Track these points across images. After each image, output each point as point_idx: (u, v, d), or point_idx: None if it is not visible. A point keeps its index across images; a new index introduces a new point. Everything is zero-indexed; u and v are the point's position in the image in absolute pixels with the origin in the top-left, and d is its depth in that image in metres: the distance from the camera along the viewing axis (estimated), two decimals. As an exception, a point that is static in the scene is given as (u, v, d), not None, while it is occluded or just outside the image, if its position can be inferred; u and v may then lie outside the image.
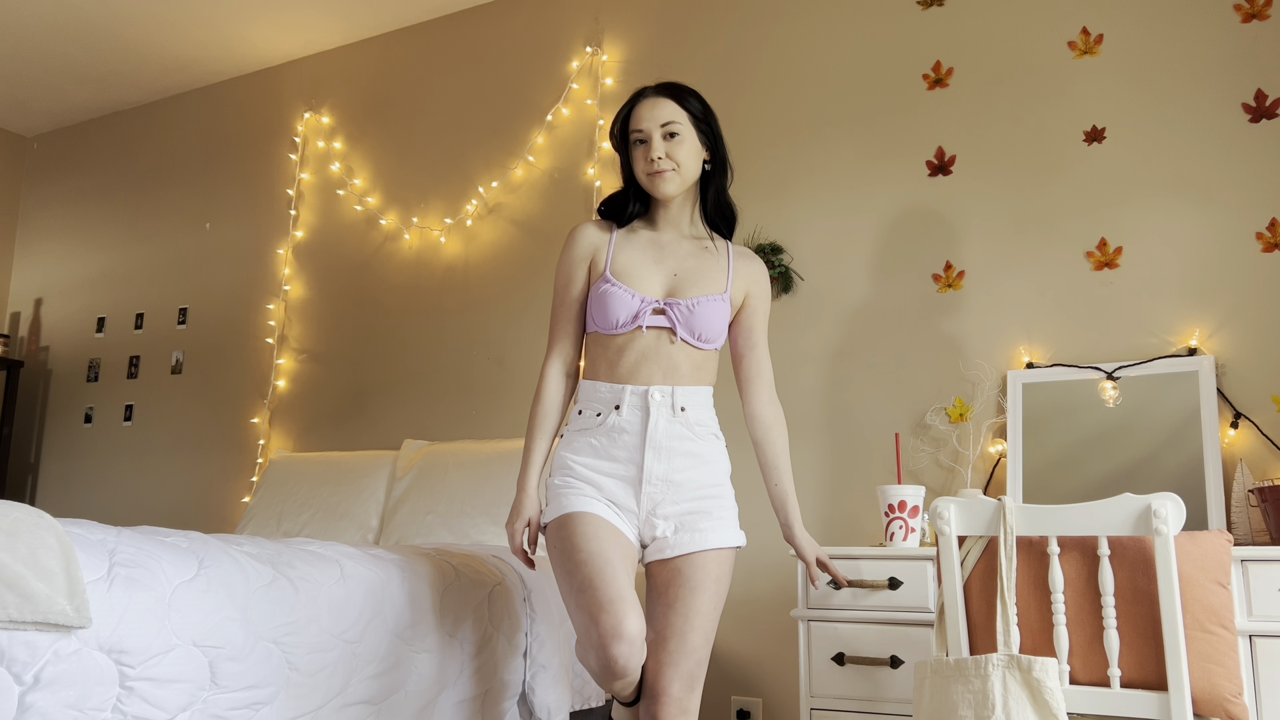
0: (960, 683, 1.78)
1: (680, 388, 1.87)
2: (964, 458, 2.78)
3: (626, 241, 1.98)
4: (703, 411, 1.90)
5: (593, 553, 1.74)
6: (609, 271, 1.93)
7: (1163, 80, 2.74)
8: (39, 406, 4.89)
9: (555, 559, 1.82)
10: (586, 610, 1.68)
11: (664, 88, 1.96)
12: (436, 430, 3.73)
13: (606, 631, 1.64)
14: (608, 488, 1.85)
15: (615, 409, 1.86)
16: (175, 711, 1.60)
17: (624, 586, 1.70)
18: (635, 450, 1.84)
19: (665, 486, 1.84)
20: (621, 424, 1.85)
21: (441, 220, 3.91)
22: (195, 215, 4.60)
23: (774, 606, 2.97)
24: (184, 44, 4.37)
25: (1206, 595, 1.72)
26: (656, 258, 1.95)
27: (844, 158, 3.14)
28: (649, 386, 1.86)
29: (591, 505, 1.83)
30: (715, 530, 1.83)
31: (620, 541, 1.80)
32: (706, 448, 1.88)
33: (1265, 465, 2.46)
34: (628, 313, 1.88)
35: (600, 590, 1.68)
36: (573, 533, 1.79)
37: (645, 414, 1.85)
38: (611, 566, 1.72)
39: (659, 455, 1.84)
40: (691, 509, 1.84)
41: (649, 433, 1.84)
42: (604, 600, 1.67)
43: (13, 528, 1.45)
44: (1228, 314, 2.57)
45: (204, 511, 4.18)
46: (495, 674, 2.30)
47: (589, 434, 1.88)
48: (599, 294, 1.92)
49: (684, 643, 1.76)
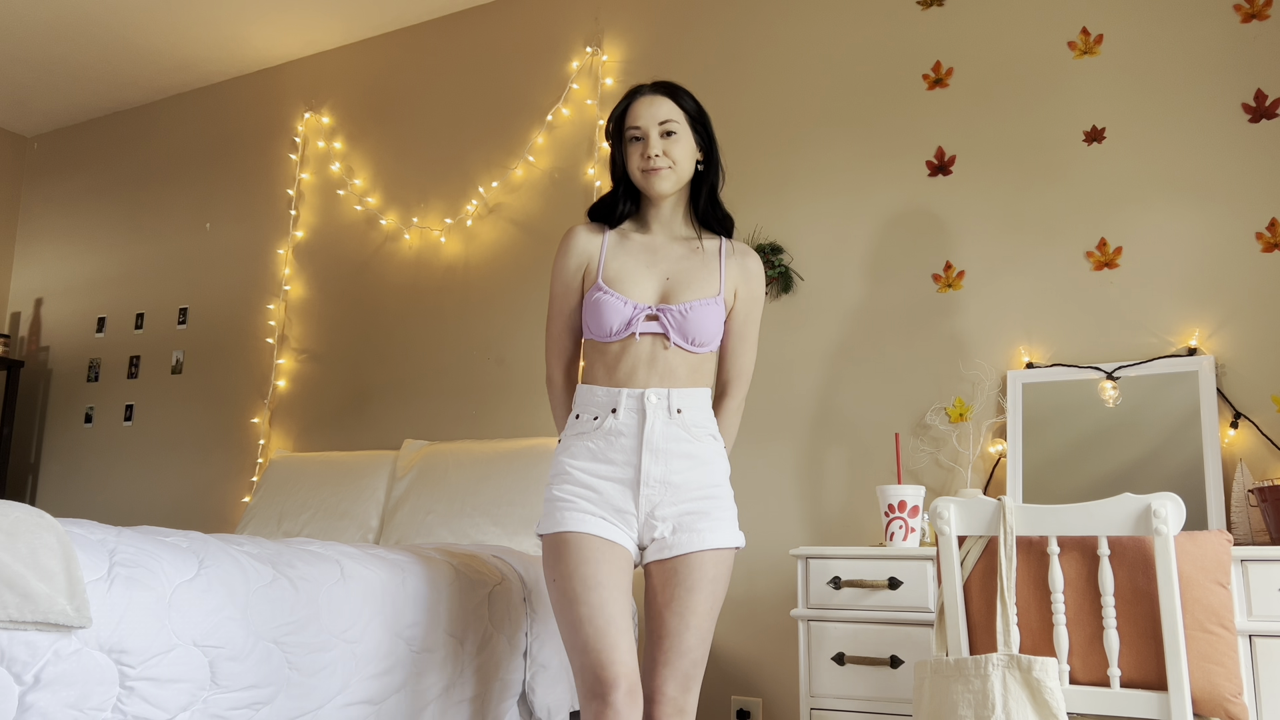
0: (960, 683, 1.78)
1: (676, 390, 1.87)
2: (964, 458, 2.78)
3: (618, 246, 1.97)
4: (700, 413, 1.90)
5: (594, 608, 1.73)
6: (601, 279, 1.93)
7: (1162, 80, 2.74)
8: (39, 406, 4.89)
9: (553, 585, 1.81)
10: (591, 671, 1.70)
11: (660, 86, 1.97)
12: (436, 430, 3.73)
13: (607, 695, 1.67)
14: (606, 491, 1.84)
15: (611, 412, 1.86)
16: (175, 711, 1.60)
17: (626, 647, 1.72)
18: (632, 453, 1.84)
19: (663, 488, 1.84)
20: (618, 427, 1.85)
21: (441, 220, 3.91)
22: (195, 215, 4.61)
23: (774, 606, 2.97)
24: (184, 44, 4.37)
25: (1206, 595, 1.73)
26: (649, 261, 1.95)
27: (844, 158, 3.14)
28: (645, 389, 1.86)
29: (589, 523, 1.82)
30: (713, 531, 1.84)
31: (618, 570, 1.79)
32: (704, 449, 1.88)
33: (1265, 465, 2.46)
34: (620, 320, 1.89)
35: (604, 654, 1.69)
36: (572, 569, 1.78)
37: (641, 416, 1.85)
38: (614, 626, 1.72)
39: (656, 457, 1.84)
40: (690, 510, 1.84)
41: (645, 435, 1.84)
42: (606, 662, 1.68)
43: (13, 528, 1.45)
44: (1228, 314, 2.57)
45: (204, 511, 4.18)
46: (495, 674, 2.30)
47: (586, 438, 1.88)
48: (592, 302, 1.92)
49: (679, 642, 1.76)
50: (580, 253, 1.98)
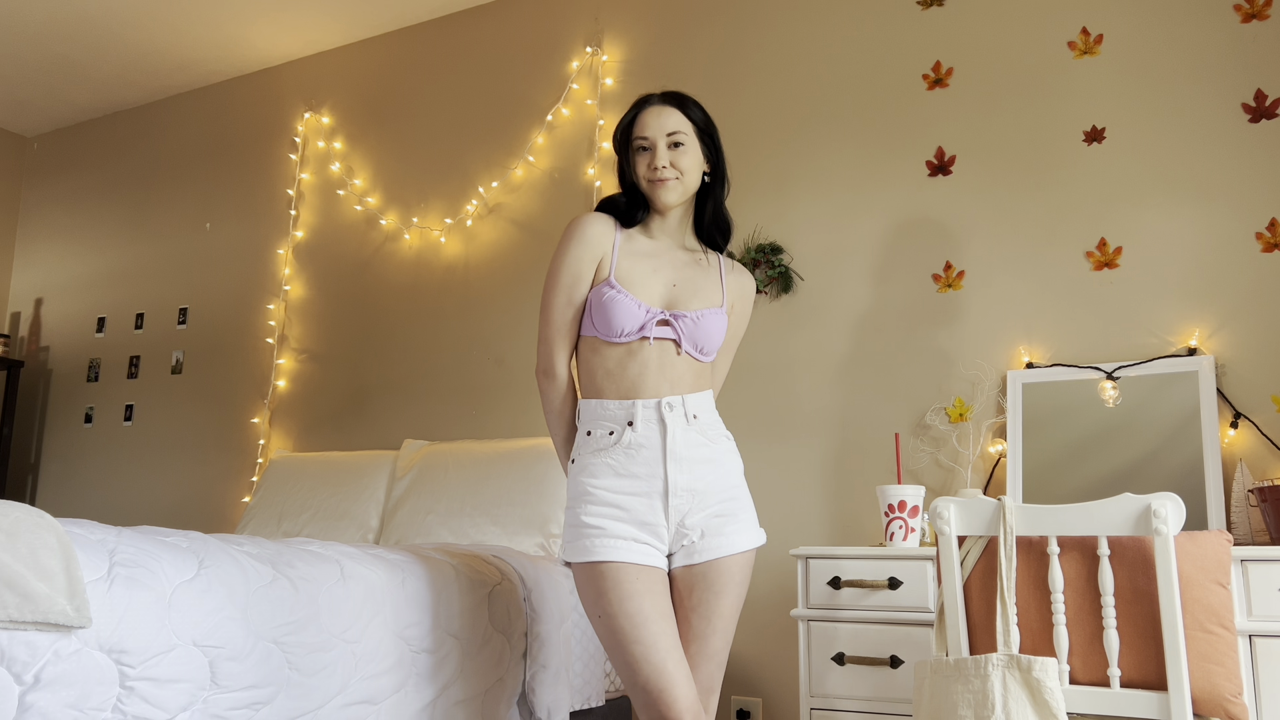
0: (960, 682, 1.78)
1: (689, 396, 1.85)
2: (964, 458, 2.78)
3: (628, 246, 1.93)
4: (711, 414, 1.89)
5: (649, 646, 1.72)
6: (613, 276, 1.88)
7: (1163, 80, 2.74)
8: (39, 406, 4.89)
9: (599, 621, 1.77)
10: (655, 709, 1.71)
11: (669, 96, 1.93)
12: (436, 430, 3.73)
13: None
14: (633, 508, 1.80)
15: (629, 425, 1.82)
16: (175, 711, 1.60)
17: (685, 677, 1.72)
18: (656, 464, 1.80)
19: (690, 496, 1.81)
20: (638, 439, 1.81)
21: (441, 220, 3.91)
22: (195, 215, 4.61)
23: (774, 606, 2.97)
24: (184, 44, 4.37)
25: (1206, 595, 1.73)
26: (654, 267, 1.91)
27: (844, 158, 3.14)
28: (659, 399, 1.83)
29: (623, 550, 1.77)
30: (739, 533, 1.83)
31: (662, 596, 1.78)
32: (721, 451, 1.87)
33: (1265, 465, 2.46)
34: (634, 323, 1.84)
35: (666, 692, 1.69)
36: (618, 606, 1.75)
37: (662, 426, 1.81)
38: (671, 660, 1.72)
39: (681, 466, 1.81)
40: (716, 513, 1.83)
41: (668, 445, 1.80)
42: (670, 701, 1.69)
43: (13, 528, 1.45)
44: (1227, 314, 2.57)
45: (204, 511, 4.19)
46: (495, 674, 2.30)
47: (605, 454, 1.83)
48: (604, 300, 1.86)
49: (705, 646, 1.78)
50: (596, 244, 1.90)
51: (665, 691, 1.69)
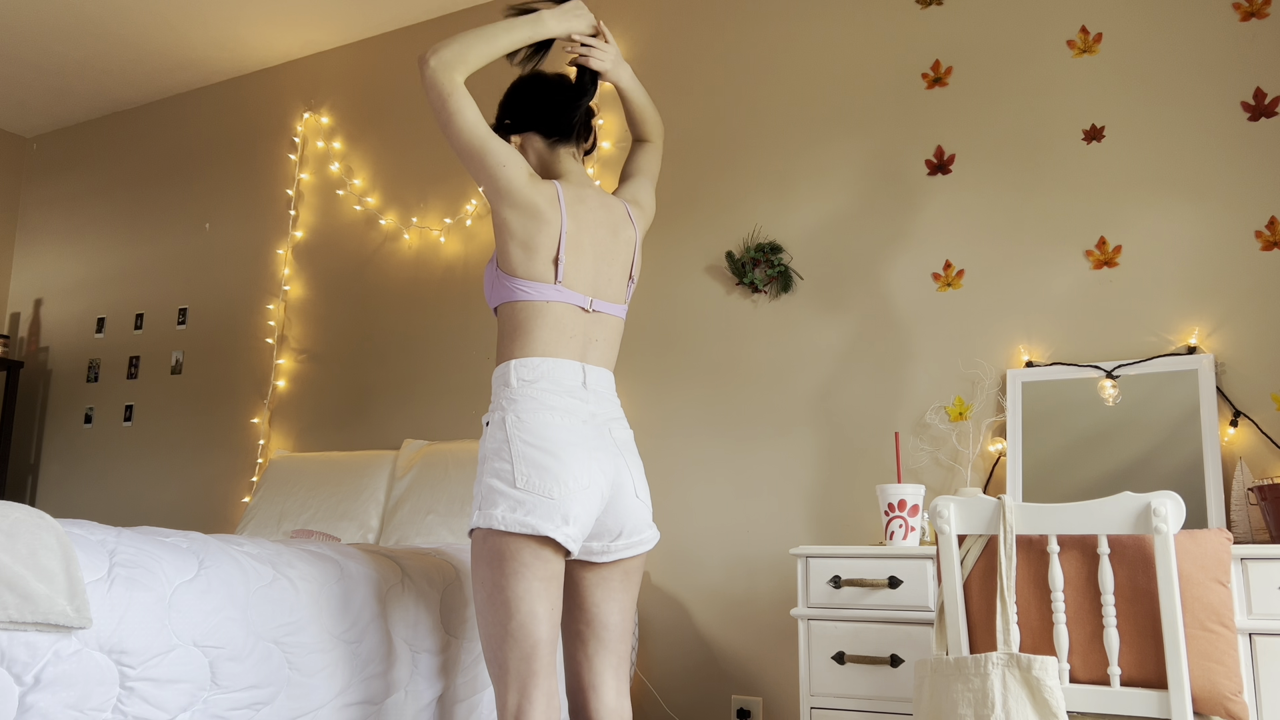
0: (960, 681, 1.78)
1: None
2: (964, 456, 2.78)
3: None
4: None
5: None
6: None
7: (1162, 79, 2.74)
8: (39, 407, 4.89)
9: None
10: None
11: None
12: (436, 430, 3.73)
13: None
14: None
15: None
16: (176, 712, 1.60)
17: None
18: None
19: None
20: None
21: (441, 220, 3.91)
22: (195, 215, 4.61)
23: (774, 606, 2.97)
24: (184, 44, 4.37)
25: (1206, 593, 1.73)
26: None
27: (843, 157, 3.14)
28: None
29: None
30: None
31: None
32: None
33: (1265, 463, 2.46)
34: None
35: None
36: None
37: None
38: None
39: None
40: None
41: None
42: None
43: (13, 528, 1.45)
44: (1227, 312, 2.57)
45: (204, 511, 4.19)
46: (495, 673, 2.29)
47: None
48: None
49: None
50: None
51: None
